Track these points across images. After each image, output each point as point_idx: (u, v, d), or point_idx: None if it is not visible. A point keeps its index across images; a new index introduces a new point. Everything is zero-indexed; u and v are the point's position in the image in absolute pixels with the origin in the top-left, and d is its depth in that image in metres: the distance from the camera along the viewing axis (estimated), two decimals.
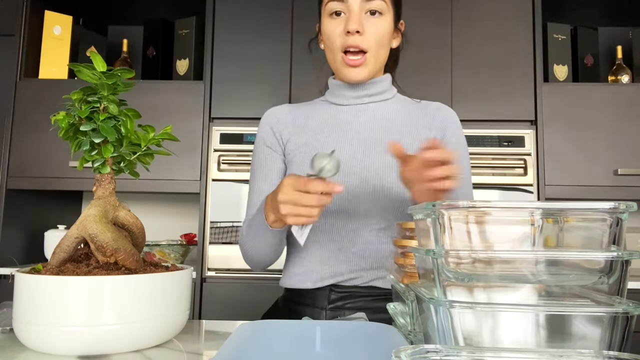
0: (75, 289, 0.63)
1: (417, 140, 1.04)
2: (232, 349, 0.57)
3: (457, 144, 1.06)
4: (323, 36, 1.06)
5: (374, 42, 1.00)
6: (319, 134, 1.06)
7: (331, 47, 1.03)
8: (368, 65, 1.02)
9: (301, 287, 1.03)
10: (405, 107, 1.10)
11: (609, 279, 0.46)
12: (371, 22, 1.00)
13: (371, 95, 1.08)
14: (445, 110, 1.09)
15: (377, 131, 1.05)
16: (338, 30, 1.00)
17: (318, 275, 1.02)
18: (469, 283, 0.48)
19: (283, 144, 1.09)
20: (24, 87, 2.07)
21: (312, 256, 1.03)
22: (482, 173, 1.96)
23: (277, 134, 1.09)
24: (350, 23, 0.98)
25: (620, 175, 1.95)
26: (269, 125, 1.10)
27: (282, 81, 2.05)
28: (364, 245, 1.01)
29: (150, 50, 2.25)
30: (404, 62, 2.04)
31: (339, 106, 1.10)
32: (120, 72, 0.72)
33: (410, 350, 0.39)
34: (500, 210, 0.48)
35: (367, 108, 1.08)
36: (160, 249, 2.08)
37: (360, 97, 1.08)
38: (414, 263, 0.65)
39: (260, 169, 1.09)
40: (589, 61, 2.19)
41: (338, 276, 1.01)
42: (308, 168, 1.00)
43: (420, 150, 0.81)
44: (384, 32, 1.01)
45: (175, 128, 1.77)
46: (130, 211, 0.76)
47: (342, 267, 1.01)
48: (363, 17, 0.99)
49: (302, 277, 1.03)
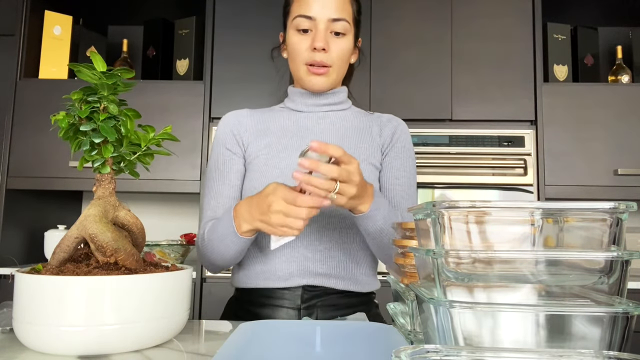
0: (75, 289, 0.63)
1: (371, 146, 1.11)
2: (232, 349, 0.57)
3: (403, 148, 1.13)
4: (288, 47, 1.11)
5: (337, 59, 1.07)
6: (281, 137, 1.09)
7: (296, 59, 1.08)
8: (330, 77, 1.08)
9: (268, 287, 1.02)
10: (360, 117, 1.16)
11: (609, 279, 0.46)
12: (335, 42, 1.06)
13: (331, 104, 1.14)
14: (396, 120, 1.17)
15: (335, 137, 1.10)
16: (304, 45, 1.06)
17: (286, 273, 1.02)
18: (469, 283, 0.48)
19: (244, 147, 1.11)
20: (24, 87, 2.07)
21: (277, 255, 1.03)
22: (482, 173, 1.96)
23: (238, 136, 1.11)
24: (317, 41, 1.04)
25: (620, 175, 1.95)
26: (229, 128, 1.12)
27: (282, 81, 2.04)
28: (330, 244, 1.03)
29: (150, 50, 2.25)
30: (405, 62, 2.04)
31: (300, 112, 1.14)
32: (120, 72, 0.72)
33: (410, 350, 0.39)
34: (500, 210, 0.48)
35: (326, 116, 1.13)
36: (160, 249, 2.08)
37: (320, 105, 1.13)
38: (414, 263, 0.65)
39: (220, 172, 1.09)
40: (589, 61, 2.19)
41: (309, 276, 1.02)
42: (272, 168, 1.05)
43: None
44: (346, 51, 1.08)
45: (175, 128, 1.77)
46: (130, 211, 0.76)
47: (312, 265, 1.02)
48: (328, 36, 1.06)
49: (268, 275, 1.03)
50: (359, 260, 1.06)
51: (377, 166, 1.10)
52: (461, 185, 1.97)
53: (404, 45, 2.06)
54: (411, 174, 1.13)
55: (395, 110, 1.71)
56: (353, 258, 1.05)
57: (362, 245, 1.07)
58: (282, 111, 1.16)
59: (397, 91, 2.04)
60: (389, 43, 2.06)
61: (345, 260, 1.04)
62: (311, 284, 1.02)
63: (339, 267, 1.03)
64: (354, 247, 1.05)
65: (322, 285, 1.02)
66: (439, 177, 1.97)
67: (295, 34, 1.08)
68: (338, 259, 1.03)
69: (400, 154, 1.12)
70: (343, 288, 1.03)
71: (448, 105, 2.02)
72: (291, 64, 1.12)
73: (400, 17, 2.07)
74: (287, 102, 1.18)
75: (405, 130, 1.16)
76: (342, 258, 1.04)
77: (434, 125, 2.01)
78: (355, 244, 1.05)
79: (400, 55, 2.06)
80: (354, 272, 1.05)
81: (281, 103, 1.20)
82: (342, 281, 1.03)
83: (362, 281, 1.06)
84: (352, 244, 1.05)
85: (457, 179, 1.97)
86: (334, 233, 1.04)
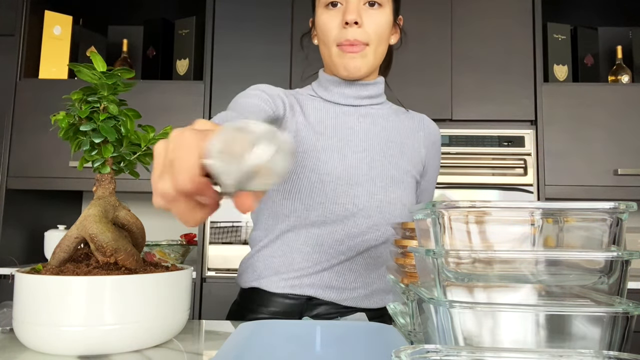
0: (75, 289, 0.63)
1: (414, 155, 1.03)
2: (232, 349, 0.57)
3: (437, 165, 1.09)
4: (317, 29, 0.97)
5: (374, 35, 0.92)
6: (320, 135, 0.96)
7: (326, 40, 0.94)
8: (367, 58, 0.93)
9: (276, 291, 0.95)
10: (399, 116, 1.06)
11: (609, 279, 0.46)
12: (370, 14, 0.92)
13: (371, 97, 1.01)
14: (435, 128, 1.10)
15: (379, 142, 0.98)
16: (334, 22, 0.92)
17: (296, 282, 0.94)
18: (469, 283, 0.48)
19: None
20: (23, 87, 2.07)
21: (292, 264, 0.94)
22: (482, 173, 1.96)
23: (274, 105, 0.94)
24: (348, 14, 0.90)
25: (620, 175, 1.95)
26: (266, 93, 0.95)
27: (282, 81, 2.05)
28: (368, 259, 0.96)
29: (150, 50, 2.25)
30: (404, 62, 2.04)
31: (337, 105, 0.99)
32: (120, 72, 0.72)
33: (410, 350, 0.39)
34: (500, 210, 0.48)
35: (367, 113, 1.00)
36: (160, 249, 2.08)
37: (361, 98, 1.00)
38: (414, 263, 0.65)
39: (240, 113, 0.88)
40: (589, 61, 2.19)
41: (319, 288, 0.94)
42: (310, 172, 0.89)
43: None
44: (384, 25, 0.94)
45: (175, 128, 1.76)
46: (130, 211, 0.76)
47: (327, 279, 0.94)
48: (362, 9, 0.92)
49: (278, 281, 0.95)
50: (382, 274, 0.97)
51: (417, 178, 1.02)
52: (461, 185, 1.97)
53: (404, 45, 2.06)
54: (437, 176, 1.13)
55: None
56: (376, 271, 0.97)
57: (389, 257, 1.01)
58: (314, 100, 1.00)
59: (397, 91, 2.03)
60: None
61: (365, 275, 0.96)
62: (318, 297, 0.94)
63: (357, 281, 0.95)
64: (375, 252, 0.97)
65: (330, 300, 0.94)
66: (439, 177, 1.97)
67: (324, 11, 0.93)
68: (358, 273, 0.95)
69: (436, 165, 1.09)
70: (352, 305, 0.95)
71: (448, 105, 2.02)
72: (322, 48, 0.97)
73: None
74: (317, 89, 1.01)
75: (440, 140, 1.11)
76: (364, 272, 0.96)
77: None
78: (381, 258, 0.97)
79: (400, 55, 2.05)
80: (373, 286, 0.97)
81: (307, 88, 1.03)
82: (355, 296, 0.95)
83: (378, 296, 0.98)
84: (379, 258, 0.97)
85: (457, 179, 1.97)
86: (376, 248, 0.95)
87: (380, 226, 0.94)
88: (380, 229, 0.94)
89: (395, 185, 0.97)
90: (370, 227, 0.93)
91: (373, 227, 0.94)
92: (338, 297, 0.95)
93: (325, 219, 0.92)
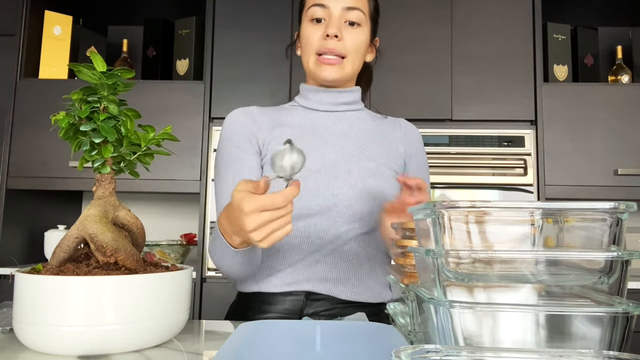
0: (75, 289, 0.63)
1: (391, 152, 1.08)
2: (232, 349, 0.57)
3: (422, 160, 1.13)
4: (301, 41, 1.07)
5: (352, 49, 1.03)
6: (299, 137, 1.03)
7: (307, 50, 1.04)
8: (344, 68, 1.04)
9: (275, 291, 0.98)
10: (377, 120, 1.13)
11: (609, 279, 0.46)
12: (349, 31, 1.03)
13: (347, 103, 1.09)
14: (412, 128, 1.15)
15: (355, 140, 1.06)
16: (317, 34, 1.03)
17: (291, 278, 0.98)
18: (469, 283, 0.48)
19: (259, 145, 1.03)
20: (24, 87, 2.07)
21: (285, 259, 0.99)
22: (482, 173, 1.96)
23: (251, 134, 1.03)
24: (329, 28, 1.01)
25: (620, 175, 1.95)
26: (239, 125, 1.04)
27: (282, 81, 2.05)
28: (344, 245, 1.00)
29: (150, 50, 2.25)
30: (405, 63, 2.04)
31: (315, 111, 1.08)
32: (120, 72, 0.72)
33: (410, 350, 0.39)
34: (500, 210, 0.48)
35: (343, 117, 1.09)
36: (160, 249, 2.08)
37: (337, 104, 1.08)
38: (414, 263, 0.65)
39: (231, 171, 1.00)
40: (589, 61, 2.19)
41: (316, 281, 0.98)
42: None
43: (400, 193, 0.90)
44: (360, 42, 1.04)
45: (175, 128, 1.77)
46: (130, 211, 0.76)
47: (321, 271, 0.98)
48: (342, 25, 1.02)
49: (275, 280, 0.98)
50: (374, 266, 1.02)
51: (397, 172, 1.07)
52: (461, 185, 1.97)
53: (404, 45, 2.06)
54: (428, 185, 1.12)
55: (395, 110, 1.71)
56: (368, 262, 1.01)
57: (379, 248, 1.03)
58: (294, 109, 1.10)
59: (397, 91, 2.03)
60: (389, 43, 2.06)
61: (357, 265, 1.00)
62: (315, 291, 0.98)
63: (350, 271, 0.99)
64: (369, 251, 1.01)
65: (328, 294, 0.98)
66: (439, 177, 1.97)
67: (309, 24, 1.04)
68: (350, 263, 0.99)
69: (420, 159, 1.12)
70: (349, 298, 0.99)
71: (448, 105, 2.02)
72: (303, 57, 1.07)
73: (400, 17, 2.07)
74: (298, 99, 1.11)
75: (421, 140, 1.16)
76: (355, 262, 1.00)
77: (434, 125, 2.01)
78: (370, 248, 1.02)
79: (400, 55, 2.05)
80: (366, 278, 1.01)
81: (291, 101, 1.14)
82: (350, 288, 0.99)
83: (374, 289, 1.02)
84: (368, 248, 1.01)
85: (457, 179, 1.97)
86: (356, 239, 1.00)
87: (364, 215, 1.00)
88: (364, 217, 1.00)
89: (373, 177, 1.02)
90: (353, 216, 0.99)
91: (355, 216, 0.99)
92: (334, 289, 0.98)
93: (310, 210, 0.98)
